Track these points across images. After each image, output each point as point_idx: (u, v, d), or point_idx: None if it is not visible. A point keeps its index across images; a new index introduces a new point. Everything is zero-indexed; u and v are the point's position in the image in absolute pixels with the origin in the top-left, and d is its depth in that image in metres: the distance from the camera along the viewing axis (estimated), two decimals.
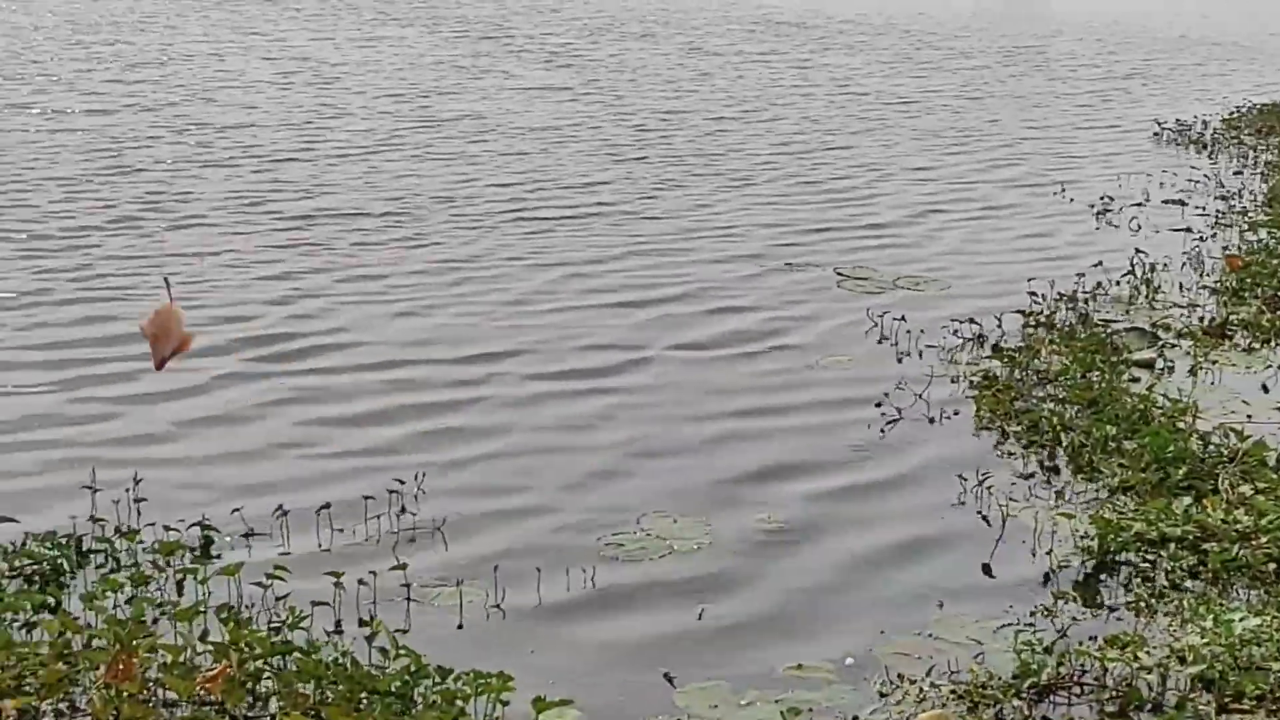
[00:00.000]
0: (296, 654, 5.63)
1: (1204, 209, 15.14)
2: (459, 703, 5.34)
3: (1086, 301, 11.26)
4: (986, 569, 7.09)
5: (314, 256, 12.48)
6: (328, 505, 7.36)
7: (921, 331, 10.59)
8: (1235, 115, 21.60)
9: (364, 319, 10.81)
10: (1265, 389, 9.55)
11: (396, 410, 9.05)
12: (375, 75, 23.41)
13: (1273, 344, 10.39)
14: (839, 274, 12.40)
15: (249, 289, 11.49)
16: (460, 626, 6.45)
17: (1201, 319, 10.92)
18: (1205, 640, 6.00)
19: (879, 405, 9.22)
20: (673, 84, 23.71)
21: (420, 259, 12.51)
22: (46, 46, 25.33)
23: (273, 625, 6.11)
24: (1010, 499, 7.72)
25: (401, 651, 5.59)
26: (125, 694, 5.25)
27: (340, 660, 5.56)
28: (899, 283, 12.18)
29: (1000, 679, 5.89)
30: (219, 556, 6.97)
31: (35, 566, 6.65)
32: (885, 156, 18.17)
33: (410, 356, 10.01)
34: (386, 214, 14.03)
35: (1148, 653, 6.00)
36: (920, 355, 10.18)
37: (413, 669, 5.46)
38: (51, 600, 6.26)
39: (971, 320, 10.62)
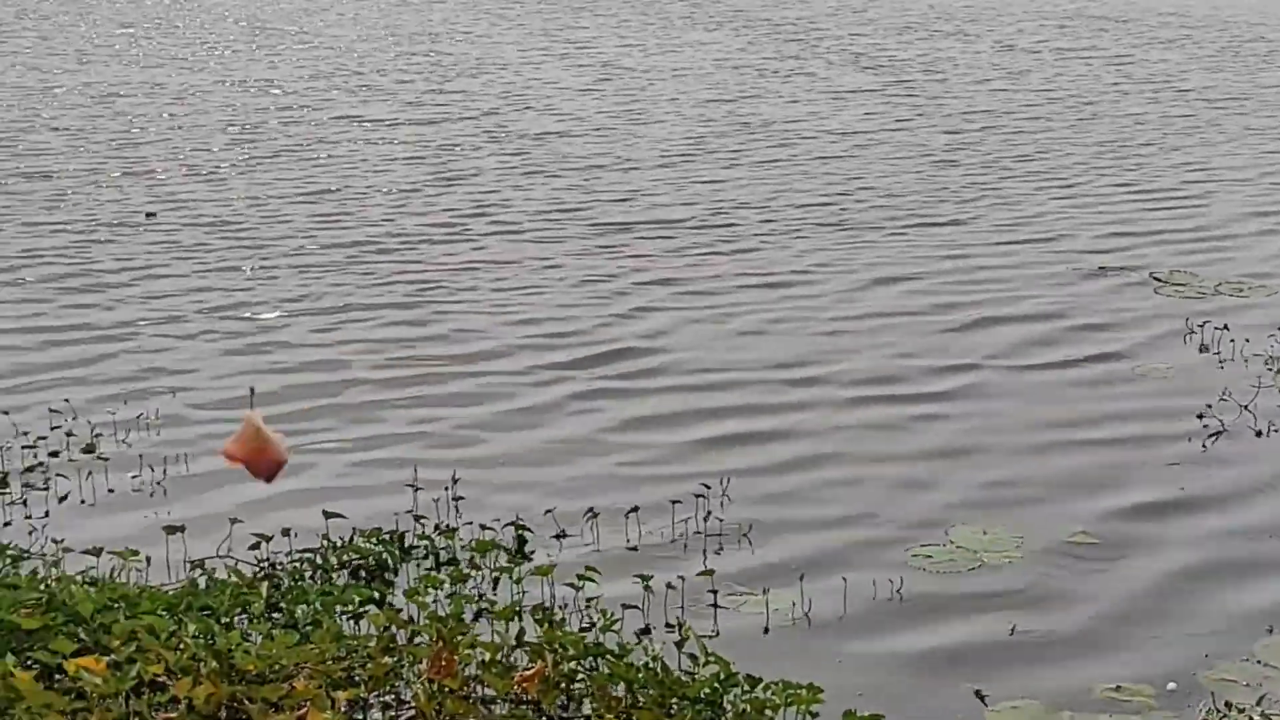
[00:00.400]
0: (609, 656, 5.73)
1: None
2: (768, 712, 5.35)
3: None
4: None
5: (635, 268, 12.61)
6: (635, 508, 7.48)
7: (1246, 340, 10.14)
8: None
9: (680, 326, 10.91)
10: None
11: (709, 416, 9.14)
12: (684, 81, 23.66)
13: None
14: (1156, 279, 11.97)
15: (569, 297, 11.75)
16: (766, 632, 6.47)
17: None
18: None
19: (1201, 417, 8.86)
20: (985, 83, 23.25)
21: (737, 266, 12.56)
22: (372, 59, 26.44)
23: (584, 626, 6.25)
24: None
25: (710, 658, 5.63)
26: (447, 689, 5.42)
27: (650, 664, 5.63)
28: (1220, 288, 11.68)
29: None
30: (532, 554, 7.16)
31: (361, 561, 6.95)
32: (1206, 156, 17.45)
33: (726, 363, 10.07)
34: (704, 223, 14.13)
35: None
36: (1245, 364, 9.74)
37: (722, 676, 5.49)
38: (377, 594, 6.54)
39: None
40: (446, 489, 7.79)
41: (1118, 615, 6.58)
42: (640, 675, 5.54)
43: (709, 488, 7.70)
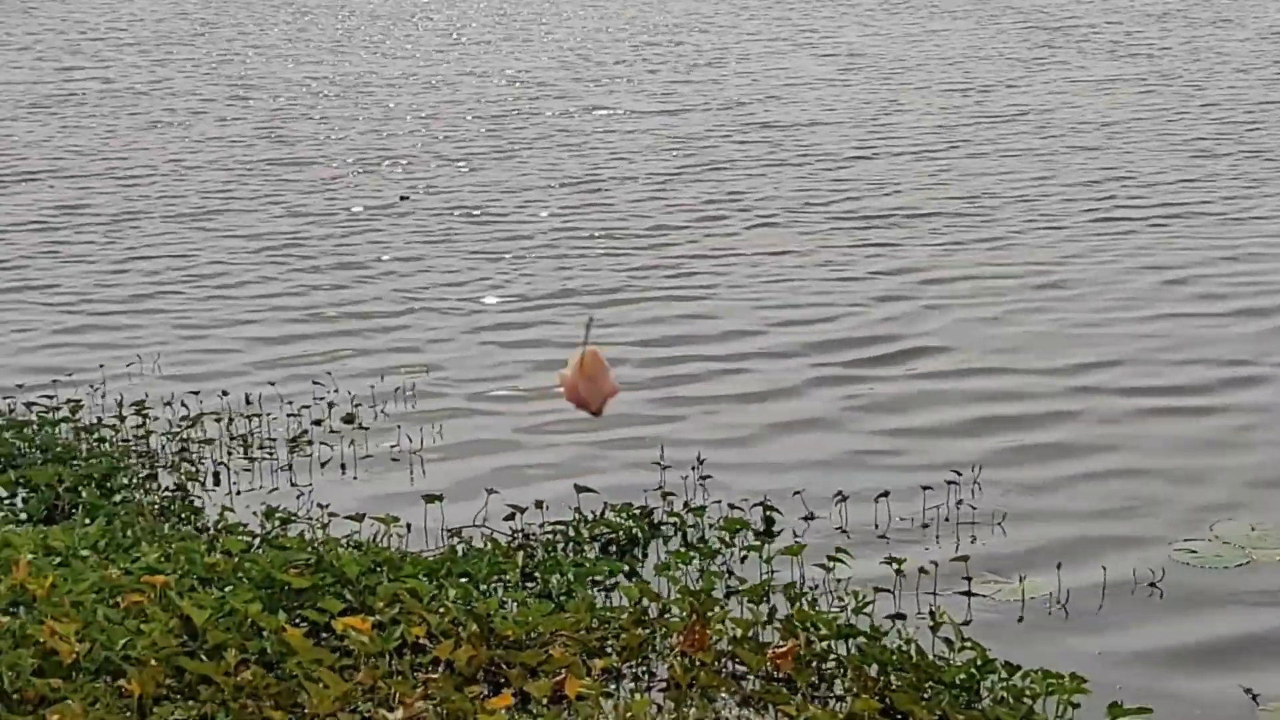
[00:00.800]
0: (863, 637, 5.67)
1: None
2: (1027, 700, 5.23)
3: None
4: None
5: (891, 258, 12.46)
6: (886, 493, 7.39)
7: None
8: None
9: (946, 322, 10.69)
10: None
11: (962, 402, 8.99)
12: (933, 70, 23.30)
13: None
14: None
15: (822, 285, 11.67)
16: (1020, 620, 6.33)
17: None
18: None
19: None
20: (1249, 71, 22.33)
21: (1003, 260, 12.30)
22: (615, 49, 26.70)
23: (836, 607, 6.20)
24: None
25: (966, 644, 5.53)
26: (700, 663, 5.44)
27: (904, 647, 5.55)
28: None
29: None
30: (780, 534, 7.13)
31: (612, 535, 7.01)
32: None
33: (993, 364, 9.76)
34: (960, 214, 13.89)
35: None
36: None
37: (979, 662, 5.38)
38: (627, 568, 6.59)
39: None
40: (693, 468, 7.82)
41: None
42: (894, 657, 5.48)
43: (960, 474, 7.56)
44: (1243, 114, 18.74)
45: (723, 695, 5.36)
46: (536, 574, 6.43)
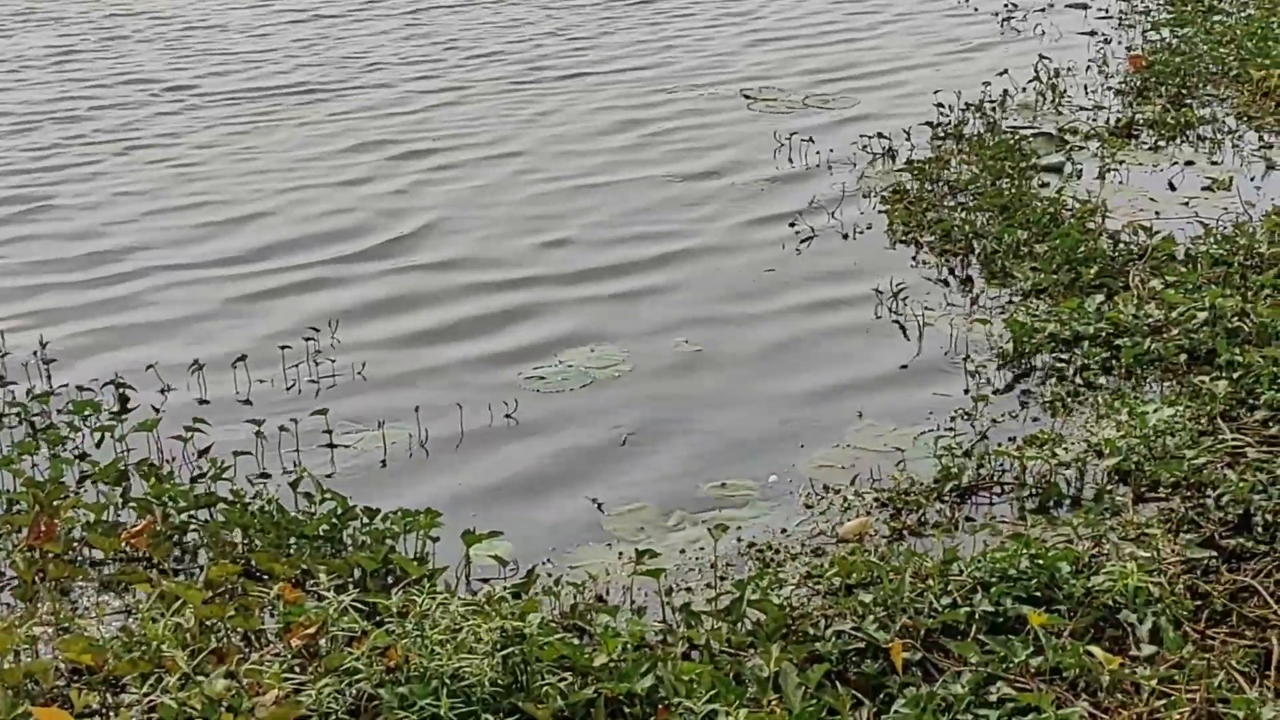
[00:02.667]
0: (222, 505, 5.60)
1: (1107, 11, 15.07)
2: (388, 541, 5.35)
3: (994, 110, 11.24)
4: (905, 378, 7.14)
5: None
6: (244, 357, 7.29)
7: (831, 150, 10.55)
8: None
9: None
10: (1172, 186, 9.62)
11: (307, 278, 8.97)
12: None
13: (1178, 141, 10.45)
14: (745, 95, 12.30)
15: None
16: (384, 465, 6.45)
17: (1108, 120, 10.94)
18: (1121, 433, 6.10)
19: (793, 224, 9.22)
20: None
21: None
22: None
23: (195, 477, 6.09)
24: (926, 308, 7.77)
25: (327, 495, 5.58)
26: (49, 555, 5.20)
27: (266, 508, 5.54)
28: (808, 102, 12.10)
29: (922, 484, 5.97)
30: (134, 409, 6.89)
31: None
32: None
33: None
34: None
35: (1065, 449, 6.09)
36: (830, 172, 10.16)
37: (339, 511, 5.45)
38: None
39: (880, 135, 10.59)
40: (34, 353, 7.42)
41: (721, 418, 6.81)
42: (256, 520, 5.45)
43: (317, 330, 7.56)
44: None
45: (78, 584, 5.17)
46: None
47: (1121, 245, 8.17)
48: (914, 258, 8.58)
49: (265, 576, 5.11)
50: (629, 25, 15.23)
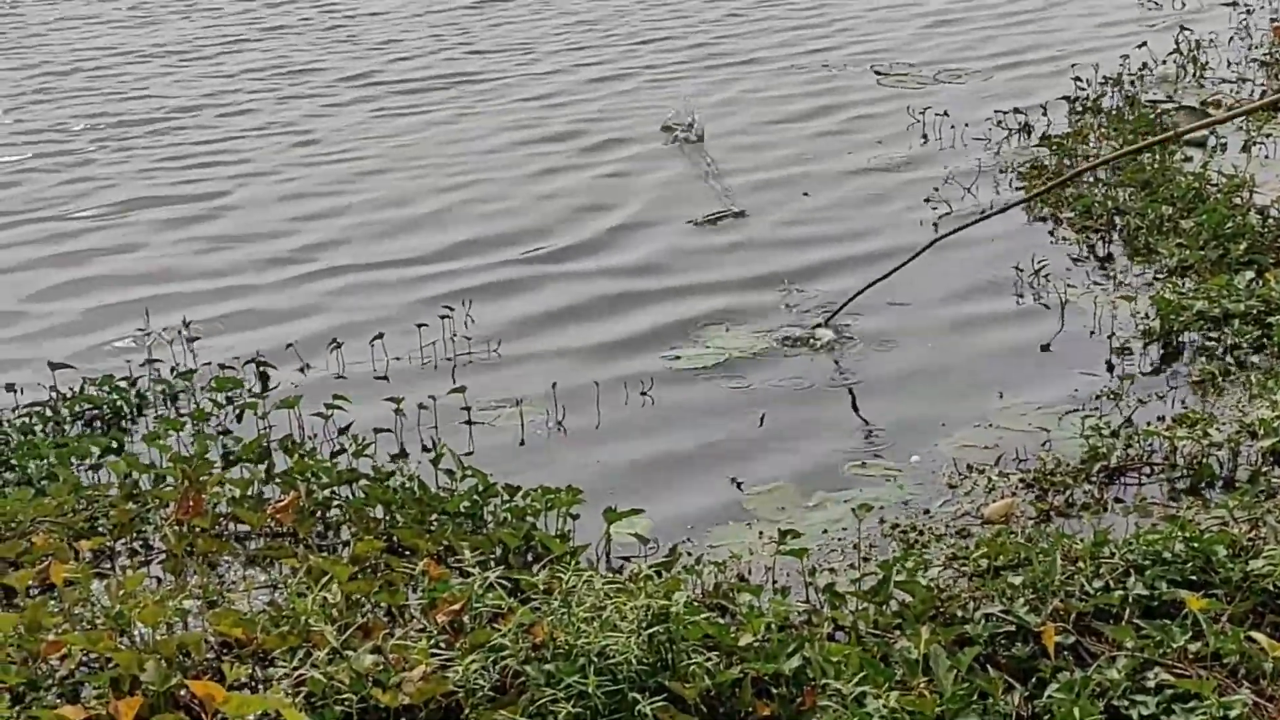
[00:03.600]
0: (364, 480, 5.64)
1: None
2: (529, 519, 5.34)
3: (1133, 83, 10.98)
4: (1048, 357, 7.00)
5: None
6: (380, 335, 7.34)
7: (966, 125, 10.39)
8: None
9: None
10: None
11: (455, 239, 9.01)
12: None
13: None
14: (877, 72, 12.15)
15: None
16: (522, 444, 6.45)
17: (1252, 93, 10.65)
18: (1276, 413, 5.91)
19: (928, 200, 9.08)
20: None
21: None
22: None
23: (335, 453, 6.14)
24: (1068, 285, 7.61)
25: (468, 472, 5.59)
26: (197, 529, 5.27)
27: (408, 484, 5.56)
28: (939, 78, 11.92)
29: (1069, 464, 5.84)
30: (275, 388, 6.98)
31: (96, 411, 6.67)
32: None
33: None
34: None
35: (1217, 429, 5.93)
36: (965, 147, 10.01)
37: (481, 488, 5.45)
38: (115, 443, 6.28)
39: (1016, 110, 10.39)
40: (179, 332, 7.53)
41: (862, 397, 6.72)
42: (398, 496, 5.48)
43: (452, 309, 7.58)
44: None
45: (225, 559, 5.23)
46: (14, 461, 6.03)
47: (1271, 220, 7.93)
48: (1053, 234, 8.41)
49: (408, 552, 5.13)
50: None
